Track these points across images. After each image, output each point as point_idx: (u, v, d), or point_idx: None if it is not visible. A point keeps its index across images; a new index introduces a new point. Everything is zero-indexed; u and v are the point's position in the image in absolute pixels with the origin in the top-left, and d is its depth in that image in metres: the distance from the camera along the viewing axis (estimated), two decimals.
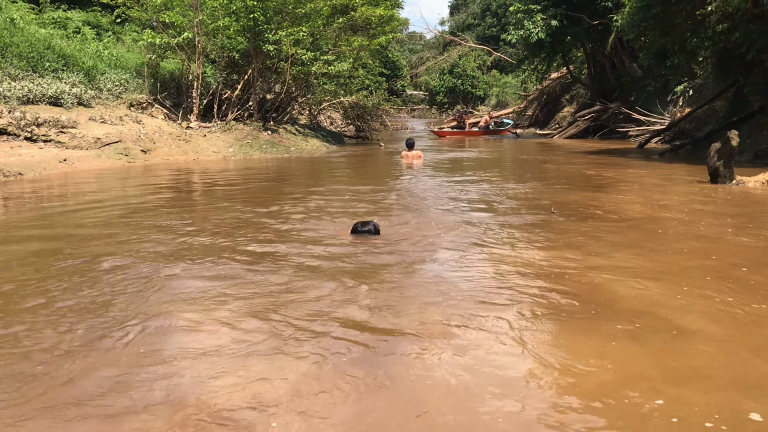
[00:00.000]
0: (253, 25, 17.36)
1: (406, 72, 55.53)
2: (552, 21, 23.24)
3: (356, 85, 24.82)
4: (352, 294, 4.12)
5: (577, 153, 17.88)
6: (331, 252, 5.34)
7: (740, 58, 14.99)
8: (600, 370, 2.97)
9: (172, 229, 6.36)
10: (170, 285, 4.33)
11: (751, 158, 13.31)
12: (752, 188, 9.30)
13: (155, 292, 4.16)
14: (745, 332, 3.48)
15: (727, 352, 3.20)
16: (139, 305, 3.88)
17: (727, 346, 3.27)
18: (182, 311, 3.74)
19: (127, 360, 3.07)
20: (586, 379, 2.88)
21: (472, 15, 62.85)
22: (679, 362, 3.07)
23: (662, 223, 6.65)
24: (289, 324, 3.55)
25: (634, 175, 11.72)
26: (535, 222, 6.77)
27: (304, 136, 20.11)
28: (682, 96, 21.87)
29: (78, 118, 14.45)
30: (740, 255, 5.22)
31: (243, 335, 3.39)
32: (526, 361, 3.09)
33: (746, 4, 12.00)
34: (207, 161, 15.00)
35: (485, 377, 2.89)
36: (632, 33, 17.18)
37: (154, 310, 3.78)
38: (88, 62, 16.49)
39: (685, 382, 2.85)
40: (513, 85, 44.53)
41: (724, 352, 3.19)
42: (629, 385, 2.79)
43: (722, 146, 9.59)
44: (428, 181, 11.23)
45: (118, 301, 3.96)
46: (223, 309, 3.80)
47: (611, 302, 3.97)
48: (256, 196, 9.11)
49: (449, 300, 4.02)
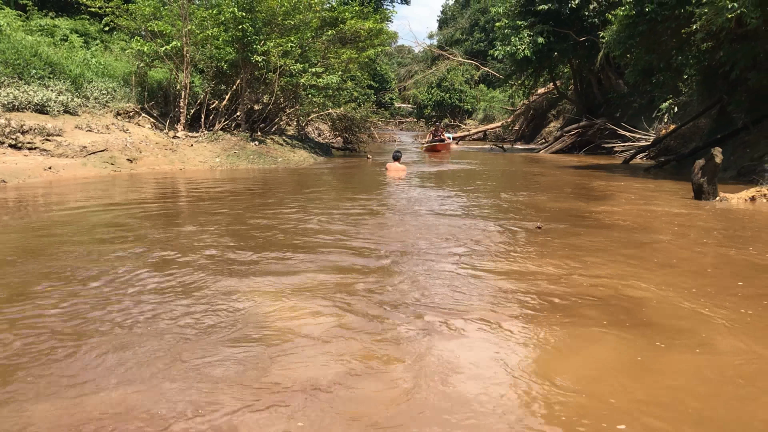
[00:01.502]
0: (242, 36, 17.38)
1: (394, 85, 55.64)
2: (538, 38, 23.44)
3: (345, 97, 24.88)
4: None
5: (563, 168, 17.99)
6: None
7: (724, 76, 15.20)
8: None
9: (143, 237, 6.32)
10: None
11: (735, 175, 13.44)
12: (735, 205, 9.38)
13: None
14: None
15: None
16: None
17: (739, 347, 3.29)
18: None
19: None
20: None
21: (461, 30, 63.21)
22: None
23: (649, 240, 6.69)
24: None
25: (619, 191, 11.80)
26: (522, 234, 6.79)
27: (291, 147, 20.10)
28: (667, 113, 22.07)
29: (64, 126, 14.35)
30: (731, 269, 5.27)
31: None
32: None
33: (730, 24, 12.18)
34: (193, 171, 14.94)
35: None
36: (618, 50, 17.38)
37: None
38: (75, 70, 16.40)
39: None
40: (500, 99, 44.78)
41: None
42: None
43: (706, 163, 9.68)
44: (425, 192, 11.23)
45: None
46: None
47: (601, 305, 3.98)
48: (240, 209, 9.07)
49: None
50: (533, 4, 23.99)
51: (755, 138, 14.48)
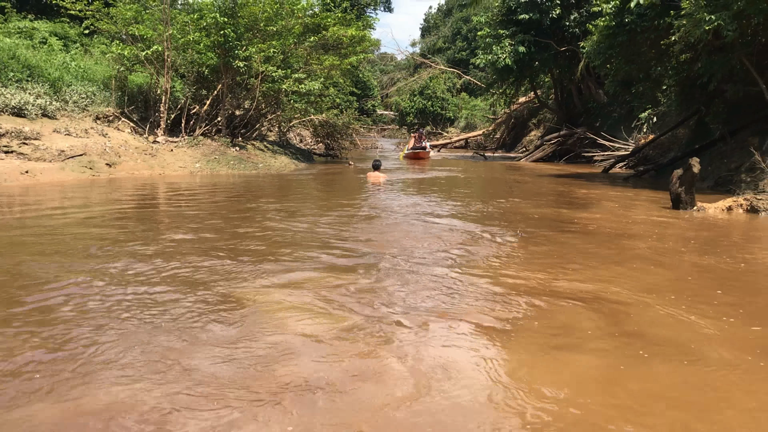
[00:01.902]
0: (224, 41, 17.31)
1: (376, 92, 55.82)
2: (519, 47, 23.61)
3: (327, 103, 24.85)
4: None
5: (544, 176, 18.11)
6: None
7: (702, 87, 15.41)
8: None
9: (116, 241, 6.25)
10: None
11: (713, 185, 13.60)
12: (713, 215, 9.49)
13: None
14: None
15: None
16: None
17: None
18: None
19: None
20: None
21: (443, 38, 63.58)
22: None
23: (629, 248, 6.73)
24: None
25: (599, 199, 11.89)
26: (505, 240, 6.81)
27: (272, 152, 20.03)
28: (646, 123, 22.33)
29: (42, 129, 14.18)
30: (710, 278, 5.32)
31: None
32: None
33: (708, 36, 12.34)
34: (173, 176, 14.82)
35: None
36: (598, 60, 17.54)
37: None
38: (54, 73, 16.22)
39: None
40: (482, 108, 45.06)
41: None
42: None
43: (684, 173, 9.78)
44: (405, 199, 11.22)
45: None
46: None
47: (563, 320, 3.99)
48: (221, 215, 9.01)
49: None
50: (515, 13, 24.17)
51: (732, 149, 14.68)
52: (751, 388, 3.13)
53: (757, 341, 3.77)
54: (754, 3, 11.13)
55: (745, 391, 3.09)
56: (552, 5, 23.48)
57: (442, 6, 71.94)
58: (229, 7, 17.65)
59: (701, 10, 11.85)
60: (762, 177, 11.18)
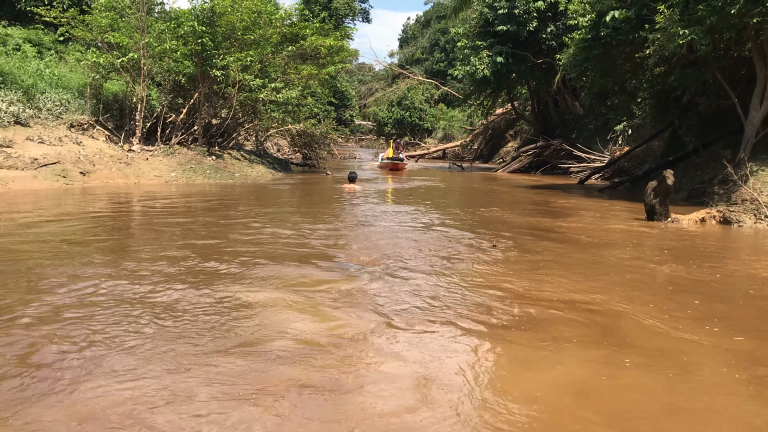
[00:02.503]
0: (201, 50, 17.20)
1: (355, 102, 55.81)
2: (497, 58, 23.79)
3: (304, 113, 24.76)
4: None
5: (521, 187, 18.21)
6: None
7: (676, 100, 15.63)
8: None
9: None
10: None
11: (686, 197, 13.77)
12: (686, 226, 9.59)
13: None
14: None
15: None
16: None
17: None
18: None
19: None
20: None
21: (421, 49, 63.84)
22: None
23: (605, 258, 6.77)
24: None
25: (575, 210, 11.97)
26: (485, 249, 6.81)
27: (249, 162, 19.91)
28: (621, 135, 22.60)
29: (14, 137, 13.96)
30: (687, 288, 5.35)
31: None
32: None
33: (681, 50, 12.53)
34: (148, 185, 14.66)
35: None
36: (574, 72, 17.71)
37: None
38: (27, 80, 15.98)
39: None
40: (459, 118, 45.27)
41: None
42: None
43: (658, 185, 9.88)
44: (389, 208, 11.20)
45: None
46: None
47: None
48: (198, 224, 8.91)
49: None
50: (492, 25, 24.36)
51: (705, 161, 14.89)
52: (741, 401, 3.14)
53: (745, 354, 3.80)
54: (726, 18, 11.32)
55: (738, 404, 3.11)
56: (529, 18, 23.70)
57: (420, 17, 72.30)
58: (207, 16, 17.56)
59: (675, 24, 12.03)
60: (734, 189, 11.34)
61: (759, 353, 3.81)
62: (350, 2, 50.79)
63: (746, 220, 9.85)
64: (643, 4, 13.78)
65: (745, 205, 10.47)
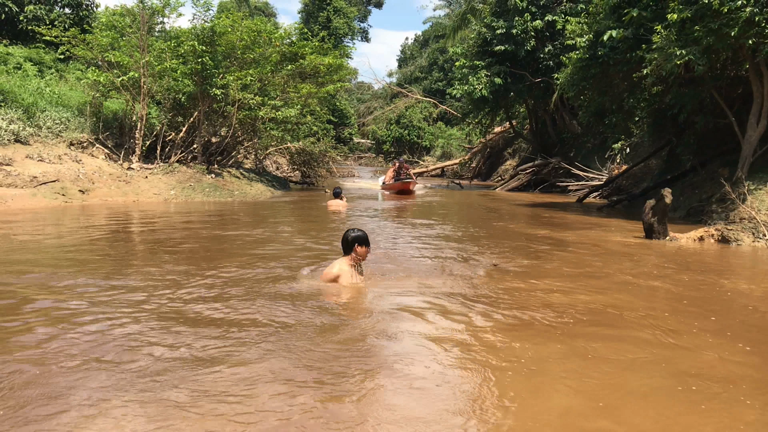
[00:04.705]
0: (201, 69, 17.28)
1: (353, 120, 55.94)
2: (495, 78, 23.92)
3: (303, 131, 24.83)
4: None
5: (520, 205, 18.24)
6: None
7: (673, 119, 15.72)
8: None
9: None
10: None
11: (684, 215, 13.79)
12: (685, 245, 9.60)
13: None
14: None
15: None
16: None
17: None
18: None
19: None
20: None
21: (420, 68, 64.20)
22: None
23: (604, 277, 6.77)
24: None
25: (574, 229, 11.97)
26: (486, 265, 6.81)
27: (248, 180, 19.94)
28: (619, 153, 22.67)
29: (14, 155, 14.00)
30: (690, 304, 5.36)
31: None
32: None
33: (678, 69, 12.61)
34: (147, 203, 14.67)
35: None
36: (572, 91, 17.79)
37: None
38: (28, 99, 16.05)
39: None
40: (458, 137, 45.40)
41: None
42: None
43: (656, 203, 9.90)
44: (391, 224, 11.19)
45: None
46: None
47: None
48: (198, 242, 8.91)
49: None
50: (490, 45, 24.51)
51: (703, 179, 14.93)
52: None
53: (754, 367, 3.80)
54: (723, 38, 11.41)
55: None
56: (527, 38, 23.86)
57: (419, 37, 72.81)
58: (208, 35, 17.67)
59: (672, 44, 12.12)
60: (732, 208, 11.36)
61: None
62: (349, 22, 51.21)
63: (744, 238, 9.88)
64: (640, 24, 13.89)
65: (743, 224, 10.50)
